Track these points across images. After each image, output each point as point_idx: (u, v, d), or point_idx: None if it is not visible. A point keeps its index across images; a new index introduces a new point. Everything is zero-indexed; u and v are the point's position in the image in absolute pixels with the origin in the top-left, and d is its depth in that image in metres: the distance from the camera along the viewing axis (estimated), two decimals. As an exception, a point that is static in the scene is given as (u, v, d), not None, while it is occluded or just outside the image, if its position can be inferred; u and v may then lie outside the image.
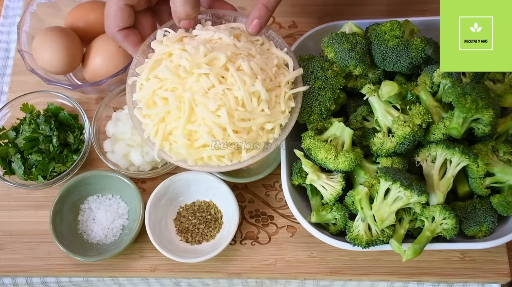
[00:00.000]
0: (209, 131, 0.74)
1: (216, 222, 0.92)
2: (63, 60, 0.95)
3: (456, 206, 0.81)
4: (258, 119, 0.75)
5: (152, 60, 0.79)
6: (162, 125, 0.76)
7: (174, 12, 0.77)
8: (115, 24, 0.80)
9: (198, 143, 0.75)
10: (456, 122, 0.77)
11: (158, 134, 0.76)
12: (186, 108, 0.74)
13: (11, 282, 0.93)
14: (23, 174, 0.93)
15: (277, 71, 0.78)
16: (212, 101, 0.73)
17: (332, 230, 0.83)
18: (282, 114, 0.77)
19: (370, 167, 0.83)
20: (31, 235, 0.94)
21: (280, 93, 0.78)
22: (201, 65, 0.74)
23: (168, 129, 0.76)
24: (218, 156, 0.76)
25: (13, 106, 0.98)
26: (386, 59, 0.85)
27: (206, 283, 0.95)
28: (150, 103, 0.77)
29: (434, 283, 0.89)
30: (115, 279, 0.93)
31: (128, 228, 0.92)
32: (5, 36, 1.15)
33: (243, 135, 0.75)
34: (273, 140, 0.78)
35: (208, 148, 0.75)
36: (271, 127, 0.77)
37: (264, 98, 0.75)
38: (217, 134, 0.74)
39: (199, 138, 0.75)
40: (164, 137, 0.77)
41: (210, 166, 0.77)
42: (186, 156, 0.76)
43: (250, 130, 0.76)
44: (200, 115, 0.74)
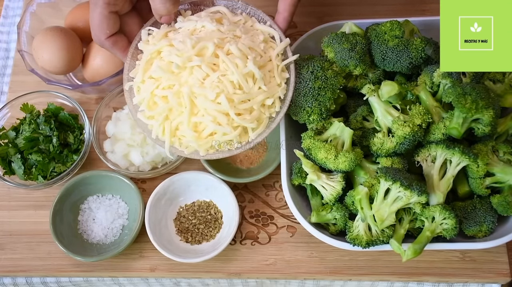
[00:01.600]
0: (213, 119, 0.76)
1: (216, 222, 0.92)
2: (63, 60, 0.95)
3: (456, 206, 0.81)
4: (257, 97, 0.77)
5: (143, 61, 0.80)
6: (167, 123, 0.78)
7: (155, 10, 0.78)
8: (102, 32, 0.80)
9: (205, 133, 0.78)
10: (456, 122, 0.77)
11: (166, 132, 0.79)
12: (186, 102, 0.76)
13: (11, 282, 0.93)
14: (23, 174, 0.93)
15: (265, 46, 0.80)
16: (209, 90, 0.75)
17: (332, 230, 0.83)
18: (279, 87, 0.80)
19: (370, 167, 0.83)
20: (31, 235, 0.94)
21: (273, 67, 0.80)
22: (192, 57, 0.75)
23: (174, 126, 0.78)
24: (227, 141, 0.78)
25: (13, 106, 0.98)
26: (386, 59, 0.85)
27: (206, 283, 0.95)
28: (151, 104, 0.79)
29: (434, 283, 0.89)
30: (115, 279, 0.93)
31: (128, 228, 0.92)
32: (5, 36, 1.15)
33: (246, 116, 0.77)
34: (275, 114, 0.80)
35: (216, 135, 0.77)
36: (271, 102, 0.79)
37: (259, 77, 0.77)
38: (221, 121, 0.76)
39: (205, 128, 0.77)
40: (172, 134, 0.79)
41: (222, 152, 0.79)
42: (197, 148, 0.79)
43: (251, 109, 0.78)
44: (202, 106, 0.76)
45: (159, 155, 0.94)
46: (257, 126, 0.79)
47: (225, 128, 0.76)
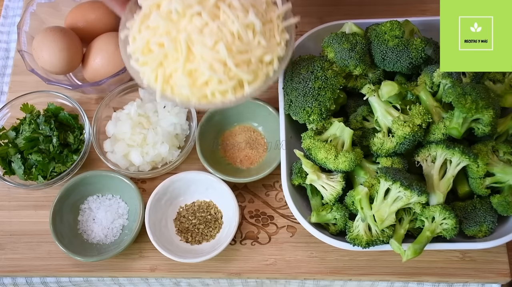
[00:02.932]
0: (210, 66, 0.74)
1: (216, 222, 0.92)
2: (63, 60, 0.95)
3: (456, 206, 0.81)
4: (256, 51, 0.76)
5: (141, 13, 0.79)
6: (161, 69, 0.77)
7: None
8: None
9: (200, 81, 0.76)
10: (456, 122, 0.77)
11: (158, 79, 0.77)
12: (183, 48, 0.74)
13: (11, 282, 0.93)
14: (23, 174, 0.93)
15: (267, 8, 0.79)
16: (208, 37, 0.73)
17: (332, 230, 0.83)
18: (278, 46, 0.79)
19: (370, 167, 0.83)
20: (31, 235, 0.94)
21: (273, 27, 0.79)
22: (193, 5, 0.74)
23: (167, 73, 0.77)
24: (222, 91, 0.76)
25: (13, 106, 0.98)
26: (386, 59, 0.85)
27: (206, 283, 0.95)
28: (145, 51, 0.78)
29: (434, 283, 0.89)
30: (115, 279, 0.93)
31: (128, 228, 0.92)
32: (5, 36, 1.15)
33: (243, 67, 0.76)
34: (273, 72, 0.79)
35: (211, 84, 0.75)
36: (269, 58, 0.77)
37: (259, 28, 0.76)
38: (217, 68, 0.74)
39: (201, 76, 0.75)
40: (164, 81, 0.77)
41: (214, 104, 0.77)
42: (189, 96, 0.77)
43: (249, 62, 0.76)
44: (199, 53, 0.74)
45: (159, 155, 0.94)
46: (254, 80, 0.77)
47: (221, 76, 0.74)
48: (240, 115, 0.98)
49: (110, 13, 1.01)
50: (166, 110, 0.96)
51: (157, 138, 0.93)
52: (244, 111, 0.97)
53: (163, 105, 0.97)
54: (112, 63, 0.96)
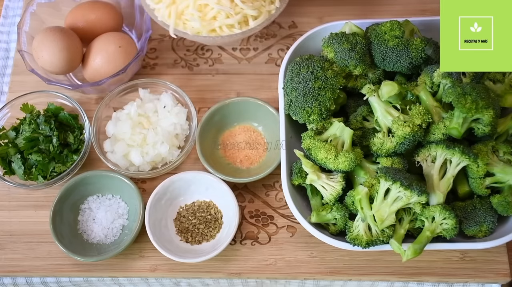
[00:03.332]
0: (218, 1, 0.87)
1: (216, 222, 0.92)
2: (63, 60, 0.95)
3: (456, 206, 0.81)
4: None
5: None
6: (174, 6, 0.90)
7: None
8: None
9: (209, 15, 0.88)
10: (456, 122, 0.77)
11: (172, 15, 0.90)
12: None
13: (11, 282, 0.93)
14: (23, 174, 0.93)
15: None
16: None
17: (332, 230, 0.83)
18: None
19: (370, 167, 0.83)
20: (31, 235, 0.94)
21: None
22: None
23: (180, 9, 0.89)
24: (229, 25, 0.89)
25: (13, 106, 0.98)
26: (386, 59, 0.85)
27: (206, 283, 0.95)
28: None
29: (434, 283, 0.89)
30: (115, 279, 0.93)
31: (128, 228, 0.92)
32: (5, 36, 1.15)
33: (248, 4, 0.88)
34: (275, 10, 0.91)
35: (219, 18, 0.88)
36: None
37: None
38: (225, 4, 0.87)
39: (210, 11, 0.88)
40: (177, 16, 0.90)
41: (222, 37, 0.89)
42: (200, 29, 0.89)
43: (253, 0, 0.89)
44: None
45: (159, 155, 0.94)
46: (258, 15, 0.89)
47: (228, 10, 0.86)
48: (240, 115, 0.98)
49: (110, 13, 1.01)
50: (166, 110, 0.96)
51: (157, 138, 0.93)
52: (244, 111, 0.97)
53: (163, 105, 0.97)
54: (112, 63, 0.96)
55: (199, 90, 1.03)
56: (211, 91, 1.03)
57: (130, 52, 0.98)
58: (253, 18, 0.90)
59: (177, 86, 0.98)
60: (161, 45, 1.07)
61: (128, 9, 1.05)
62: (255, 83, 1.03)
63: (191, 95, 0.99)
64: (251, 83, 1.03)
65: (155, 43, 1.08)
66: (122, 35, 1.00)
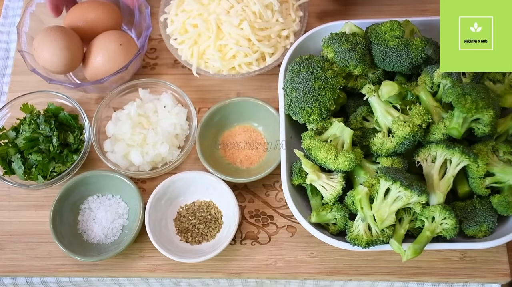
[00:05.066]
0: (236, 42, 0.92)
1: (216, 222, 0.92)
2: (64, 59, 0.95)
3: (456, 206, 0.81)
4: (274, 27, 0.94)
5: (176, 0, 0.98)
6: (196, 47, 0.95)
7: None
8: None
9: (229, 55, 0.94)
10: (456, 122, 0.77)
11: (194, 55, 0.95)
12: (213, 27, 0.92)
13: (11, 282, 0.93)
14: (23, 174, 0.93)
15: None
16: (234, 17, 0.91)
17: (332, 230, 0.83)
18: (293, 22, 0.97)
19: (370, 167, 0.83)
20: (31, 235, 0.94)
21: (289, 6, 0.97)
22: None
23: (201, 49, 0.94)
24: (247, 63, 0.94)
25: (13, 106, 0.98)
26: (386, 59, 0.85)
27: (206, 283, 0.95)
28: (182, 31, 0.96)
29: (434, 283, 0.89)
30: (115, 279, 0.93)
31: (128, 228, 0.92)
32: (5, 36, 1.15)
33: (264, 42, 0.93)
34: (290, 45, 0.94)
35: (238, 57, 0.93)
36: (286, 33, 0.95)
37: (277, 7, 0.93)
38: (243, 44, 0.92)
39: (229, 51, 0.93)
40: (199, 56, 0.95)
41: (241, 74, 0.94)
42: (220, 68, 0.94)
43: (269, 37, 0.94)
44: (227, 31, 0.92)
45: (159, 155, 0.94)
46: (274, 52, 0.94)
47: (246, 50, 0.91)
48: (240, 115, 0.98)
49: (109, 12, 1.01)
50: (166, 110, 0.96)
51: (157, 138, 0.93)
52: (244, 111, 0.97)
53: (163, 105, 0.97)
54: (113, 61, 0.96)
55: (199, 90, 1.03)
56: (211, 91, 1.03)
57: (130, 50, 0.98)
58: (270, 55, 0.94)
59: (177, 86, 0.98)
60: (161, 45, 1.07)
61: (126, 8, 1.05)
62: (255, 83, 1.03)
63: (191, 95, 0.99)
64: (251, 83, 1.03)
65: (155, 43, 1.08)
66: (122, 33, 1.00)
